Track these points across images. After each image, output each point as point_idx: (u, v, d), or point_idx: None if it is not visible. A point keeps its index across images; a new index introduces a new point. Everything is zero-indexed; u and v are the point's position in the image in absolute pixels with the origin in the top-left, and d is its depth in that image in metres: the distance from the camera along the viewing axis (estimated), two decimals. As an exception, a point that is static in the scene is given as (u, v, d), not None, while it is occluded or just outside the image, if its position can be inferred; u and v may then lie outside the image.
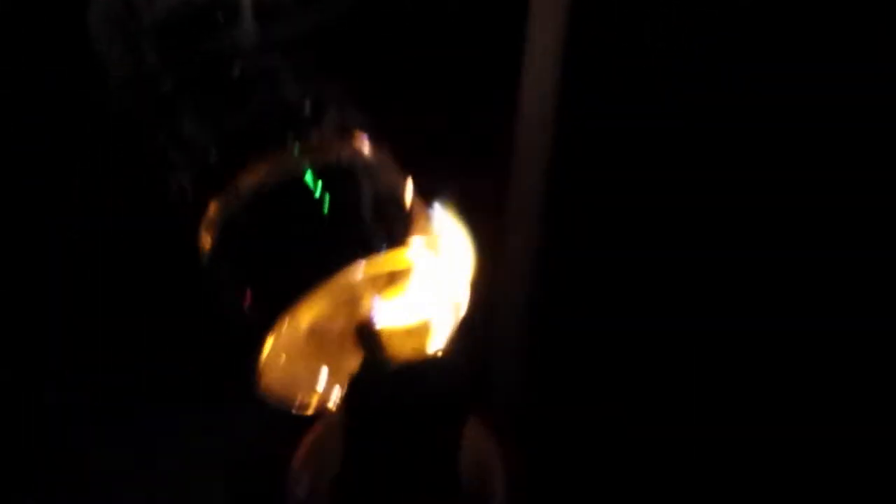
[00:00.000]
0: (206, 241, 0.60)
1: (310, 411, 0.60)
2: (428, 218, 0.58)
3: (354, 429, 0.54)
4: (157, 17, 0.65)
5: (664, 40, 0.75)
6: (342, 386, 0.60)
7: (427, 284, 0.58)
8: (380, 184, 0.58)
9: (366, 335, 0.57)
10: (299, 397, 0.60)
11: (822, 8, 0.72)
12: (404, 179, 0.59)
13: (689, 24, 0.74)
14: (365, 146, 0.60)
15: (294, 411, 0.60)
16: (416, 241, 0.56)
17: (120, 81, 0.67)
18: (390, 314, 0.57)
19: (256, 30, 0.61)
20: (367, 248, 0.56)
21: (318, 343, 0.61)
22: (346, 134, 0.60)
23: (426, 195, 0.59)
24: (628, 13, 0.75)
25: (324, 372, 0.60)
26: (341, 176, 0.58)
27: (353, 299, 0.59)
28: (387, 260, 0.56)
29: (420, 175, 0.60)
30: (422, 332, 0.59)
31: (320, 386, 0.61)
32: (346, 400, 0.54)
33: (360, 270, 0.56)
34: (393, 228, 0.57)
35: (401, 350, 0.57)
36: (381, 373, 0.54)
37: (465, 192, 0.57)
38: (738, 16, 0.74)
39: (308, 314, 0.59)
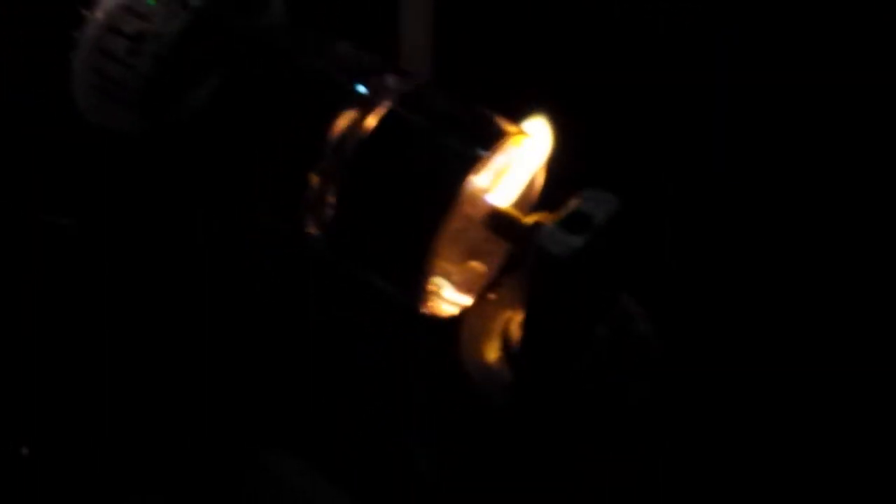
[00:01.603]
0: (314, 229, 0.68)
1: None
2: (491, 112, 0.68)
3: (550, 284, 0.64)
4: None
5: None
6: (473, 278, 0.71)
7: (517, 164, 0.68)
8: (443, 102, 0.68)
9: (501, 220, 0.67)
10: (450, 306, 0.70)
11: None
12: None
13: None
14: (402, 79, 0.69)
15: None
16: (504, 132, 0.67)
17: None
18: (504, 194, 0.68)
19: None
20: (471, 159, 0.65)
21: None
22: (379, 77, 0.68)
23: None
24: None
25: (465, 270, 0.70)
26: (410, 113, 0.67)
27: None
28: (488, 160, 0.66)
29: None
30: (522, 202, 0.70)
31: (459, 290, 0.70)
32: (542, 261, 0.63)
33: (475, 182, 0.65)
34: (479, 132, 0.67)
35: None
36: (555, 225, 0.63)
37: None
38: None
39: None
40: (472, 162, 0.65)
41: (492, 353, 0.71)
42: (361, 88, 0.68)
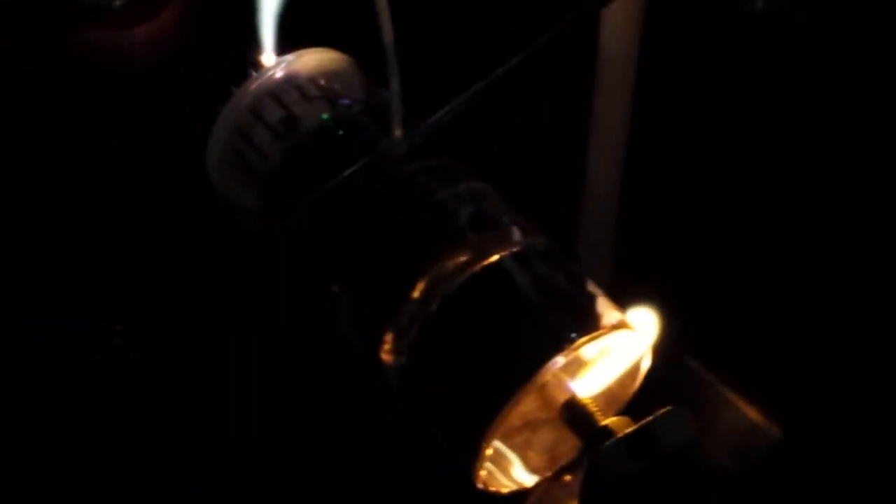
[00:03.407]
0: (391, 357, 0.65)
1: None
2: (601, 295, 0.63)
3: (598, 499, 0.59)
4: (275, 160, 0.69)
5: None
6: (549, 460, 0.66)
7: (612, 355, 0.63)
8: (555, 271, 0.64)
9: (575, 412, 0.62)
10: (510, 481, 0.66)
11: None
12: (573, 261, 0.65)
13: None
14: (525, 235, 0.65)
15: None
16: (604, 321, 0.62)
17: (254, 223, 0.71)
18: (585, 386, 0.63)
19: (402, 140, 0.65)
20: (561, 340, 0.60)
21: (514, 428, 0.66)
22: (501, 227, 0.65)
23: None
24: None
25: (530, 454, 0.66)
26: (517, 272, 0.63)
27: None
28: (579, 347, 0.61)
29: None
30: (615, 394, 0.65)
31: (527, 469, 0.66)
32: (590, 477, 0.59)
33: (559, 364, 0.60)
34: (579, 314, 0.62)
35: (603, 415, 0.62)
36: (618, 442, 0.59)
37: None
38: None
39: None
40: (561, 343, 0.60)
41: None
42: (475, 233, 0.64)
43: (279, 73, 0.69)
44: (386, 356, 0.65)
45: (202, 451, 0.71)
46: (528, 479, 0.65)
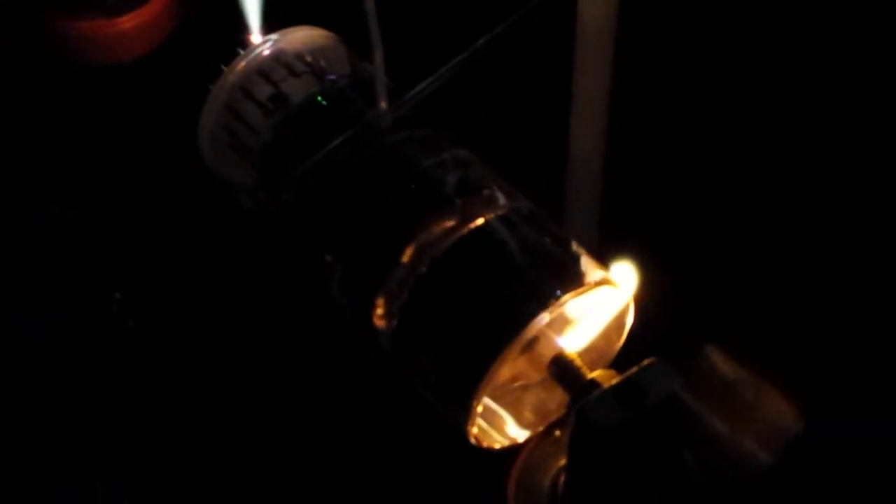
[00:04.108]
0: (383, 322, 0.67)
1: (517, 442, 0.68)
2: (584, 254, 0.65)
3: (587, 450, 0.62)
4: (265, 138, 0.71)
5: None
6: (539, 417, 0.68)
7: (596, 311, 0.65)
8: (540, 232, 0.66)
9: (563, 367, 0.64)
10: (503, 437, 0.68)
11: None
12: (555, 223, 0.67)
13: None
14: (509, 199, 0.67)
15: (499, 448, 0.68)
16: (587, 279, 0.64)
17: (248, 200, 0.72)
18: (572, 343, 0.65)
19: (387, 112, 0.67)
20: (546, 297, 0.62)
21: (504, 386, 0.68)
22: (486, 192, 0.67)
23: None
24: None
25: (520, 411, 0.68)
26: (502, 234, 0.65)
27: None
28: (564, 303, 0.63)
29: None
30: (602, 350, 0.67)
31: (518, 425, 0.68)
32: (578, 427, 0.61)
33: (544, 321, 0.62)
34: (563, 272, 0.64)
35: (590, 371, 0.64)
36: (605, 393, 0.60)
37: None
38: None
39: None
40: (546, 300, 0.62)
41: (542, 490, 0.68)
42: (461, 198, 0.66)
43: (266, 52, 0.71)
44: (378, 321, 0.67)
45: (199, 448, 0.73)
46: (520, 435, 0.67)
